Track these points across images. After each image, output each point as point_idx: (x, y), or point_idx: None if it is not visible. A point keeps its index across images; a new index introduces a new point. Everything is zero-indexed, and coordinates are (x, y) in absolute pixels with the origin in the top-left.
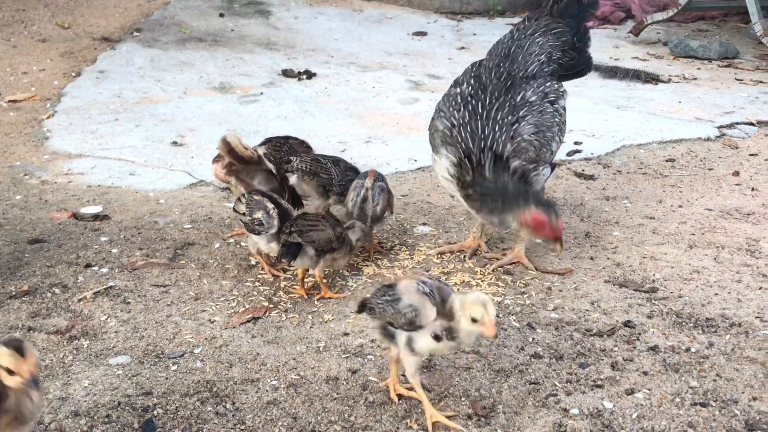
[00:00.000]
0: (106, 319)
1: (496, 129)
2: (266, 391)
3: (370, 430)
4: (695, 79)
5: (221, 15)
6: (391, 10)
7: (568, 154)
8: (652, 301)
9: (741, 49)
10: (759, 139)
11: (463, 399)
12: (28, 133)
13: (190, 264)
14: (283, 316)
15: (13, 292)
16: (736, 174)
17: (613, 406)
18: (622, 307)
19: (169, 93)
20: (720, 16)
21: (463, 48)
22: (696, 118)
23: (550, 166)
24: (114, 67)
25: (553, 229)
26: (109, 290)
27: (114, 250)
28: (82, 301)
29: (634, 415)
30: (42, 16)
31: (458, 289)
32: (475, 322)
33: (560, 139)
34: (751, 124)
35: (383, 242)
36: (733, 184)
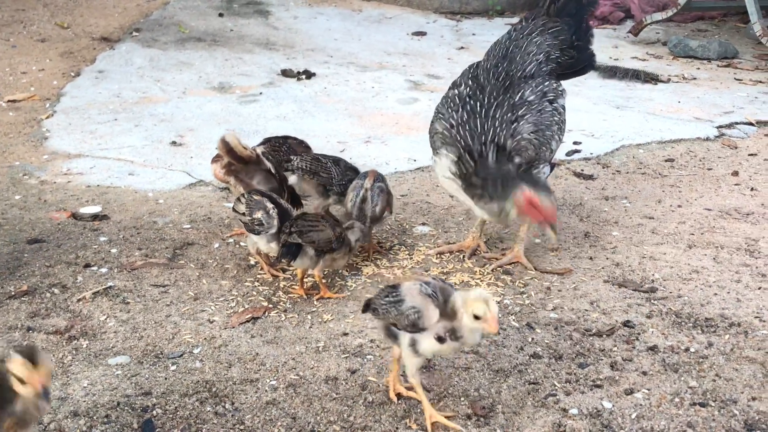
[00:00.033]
0: (105, 319)
1: (497, 125)
2: (265, 391)
3: (369, 430)
4: (694, 79)
5: (220, 15)
6: (391, 10)
7: (568, 154)
8: (652, 301)
9: (740, 49)
10: (758, 139)
11: (462, 399)
12: (28, 133)
13: (189, 264)
14: (283, 316)
15: (12, 292)
16: (736, 174)
17: (613, 406)
18: (621, 307)
19: (168, 93)
20: (719, 16)
21: (463, 48)
22: (695, 118)
23: (550, 166)
24: (113, 67)
25: (544, 211)
26: (109, 290)
27: (113, 250)
28: (81, 301)
29: (634, 415)
30: (41, 16)
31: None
32: (477, 319)
33: (560, 138)
34: (751, 124)
35: (382, 242)
36: (733, 184)
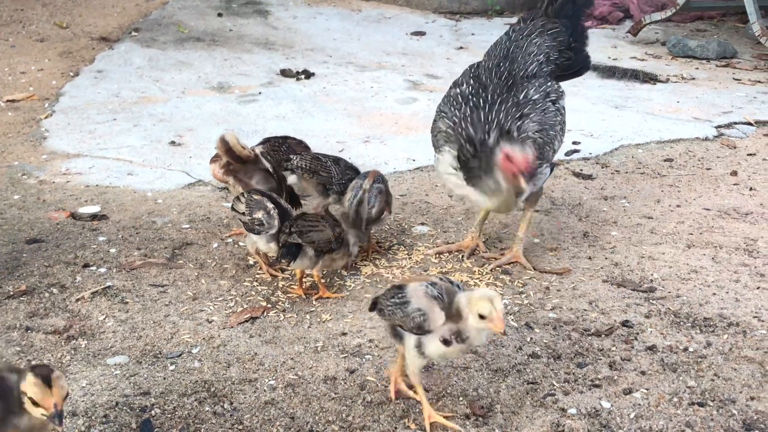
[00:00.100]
0: (104, 319)
1: (501, 117)
2: (264, 391)
3: (367, 430)
4: (693, 79)
5: (219, 15)
6: (390, 9)
7: (567, 154)
8: (650, 301)
9: (739, 48)
10: (757, 139)
11: (461, 399)
12: (26, 132)
13: (188, 264)
14: (281, 316)
15: (11, 292)
16: (734, 174)
17: (611, 405)
18: (620, 306)
19: (167, 93)
20: (718, 16)
21: (462, 48)
22: (694, 118)
23: (550, 167)
24: (112, 66)
25: (517, 160)
26: (107, 290)
27: (112, 250)
28: (79, 301)
29: (632, 415)
30: (40, 15)
31: None
32: (482, 318)
33: (561, 139)
34: (749, 124)
35: (381, 242)
36: (731, 184)
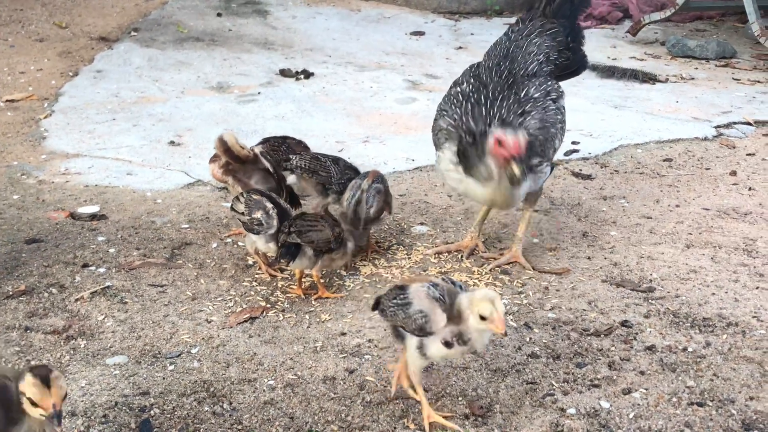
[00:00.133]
0: (103, 319)
1: (503, 112)
2: (263, 391)
3: (367, 430)
4: (693, 79)
5: (219, 15)
6: (389, 9)
7: (566, 154)
8: (650, 301)
9: (738, 48)
10: (756, 139)
11: (460, 399)
12: (26, 132)
13: (187, 264)
14: (281, 315)
15: (10, 292)
16: (734, 174)
17: (610, 405)
18: (619, 306)
19: (166, 93)
20: (717, 16)
21: (461, 48)
22: (693, 118)
23: (551, 166)
24: (111, 66)
25: (508, 145)
26: (106, 290)
27: (111, 250)
28: (79, 301)
29: (631, 415)
30: (39, 15)
31: None
32: (483, 319)
33: (561, 138)
34: (749, 124)
35: (380, 242)
36: (731, 184)
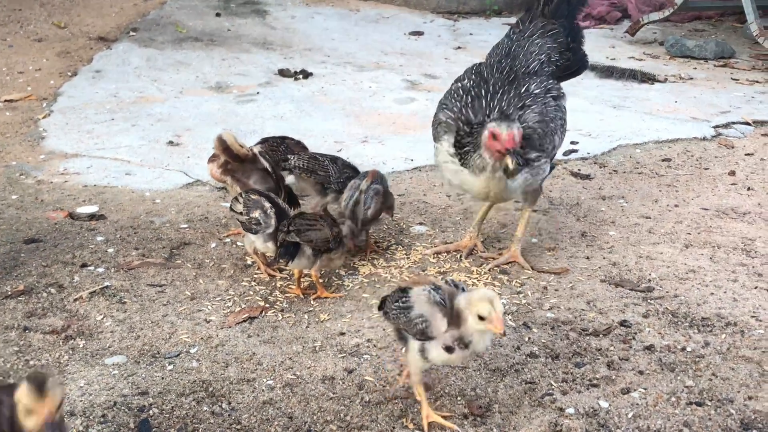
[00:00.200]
0: (102, 318)
1: (503, 105)
2: (262, 391)
3: (366, 430)
4: (691, 79)
5: (218, 15)
6: (388, 9)
7: (565, 154)
8: (648, 301)
9: (737, 48)
10: (755, 139)
11: (459, 398)
12: (24, 132)
13: (186, 264)
14: (279, 315)
15: (9, 292)
16: (732, 174)
17: (609, 405)
18: (618, 306)
19: (165, 93)
20: (716, 16)
21: (460, 48)
22: (692, 118)
23: (550, 164)
24: (110, 66)
25: (501, 138)
26: (105, 290)
27: (110, 250)
28: (77, 301)
29: (630, 415)
30: (38, 15)
31: None
32: (482, 319)
33: (561, 136)
34: (747, 124)
35: (379, 242)
36: (729, 184)
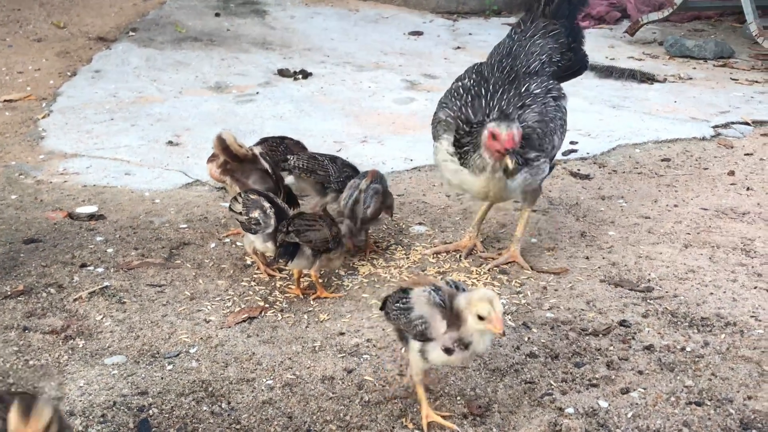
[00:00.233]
0: (102, 318)
1: (503, 104)
2: (262, 391)
3: (365, 430)
4: (691, 79)
5: (217, 15)
6: (387, 9)
7: (564, 154)
8: (648, 301)
9: (736, 48)
10: (754, 139)
11: (459, 398)
12: (24, 132)
13: (185, 264)
14: (279, 315)
15: (9, 292)
16: (732, 174)
17: (609, 405)
18: (617, 306)
19: (164, 93)
20: (715, 16)
21: (459, 48)
22: (691, 118)
23: (550, 164)
24: (110, 66)
25: (501, 138)
26: (105, 290)
27: (109, 250)
28: (77, 301)
29: (630, 414)
30: (37, 15)
31: None
32: (481, 319)
33: (562, 136)
34: (747, 124)
35: (379, 242)
36: (729, 184)
